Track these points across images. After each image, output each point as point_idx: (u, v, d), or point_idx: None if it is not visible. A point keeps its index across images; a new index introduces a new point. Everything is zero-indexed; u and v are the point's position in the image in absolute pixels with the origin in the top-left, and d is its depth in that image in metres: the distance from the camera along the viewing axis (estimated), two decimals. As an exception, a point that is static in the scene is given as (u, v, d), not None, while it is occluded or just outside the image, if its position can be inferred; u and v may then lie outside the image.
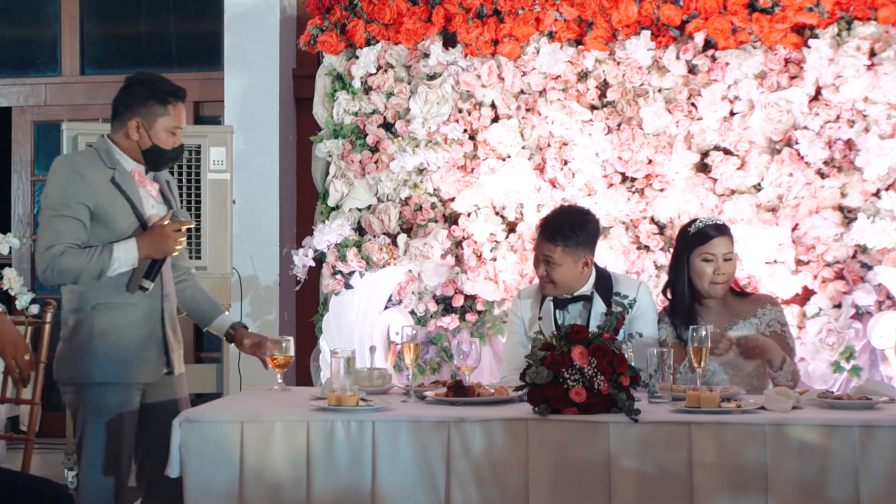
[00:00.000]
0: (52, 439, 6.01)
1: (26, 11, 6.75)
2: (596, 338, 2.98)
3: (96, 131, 5.63)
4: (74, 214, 3.30)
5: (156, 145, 3.41)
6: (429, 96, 4.86)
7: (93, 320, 3.37)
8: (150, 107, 3.40)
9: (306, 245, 4.88)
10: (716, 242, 3.75)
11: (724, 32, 4.59)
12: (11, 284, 5.66)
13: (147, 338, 3.43)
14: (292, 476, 2.94)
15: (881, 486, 2.79)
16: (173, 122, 3.42)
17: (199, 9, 6.53)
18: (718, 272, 3.73)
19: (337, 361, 3.27)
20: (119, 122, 3.44)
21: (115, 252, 3.31)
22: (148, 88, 3.43)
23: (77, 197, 3.31)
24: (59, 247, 3.28)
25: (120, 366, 3.38)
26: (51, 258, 3.27)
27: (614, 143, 4.70)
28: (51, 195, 3.34)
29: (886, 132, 4.43)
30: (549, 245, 3.74)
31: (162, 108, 3.41)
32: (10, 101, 6.73)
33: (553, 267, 3.74)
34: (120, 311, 3.38)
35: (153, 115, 3.40)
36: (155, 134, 3.40)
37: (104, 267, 3.30)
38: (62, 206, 3.31)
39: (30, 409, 4.04)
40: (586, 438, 2.88)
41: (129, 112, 3.41)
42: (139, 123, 3.40)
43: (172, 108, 3.42)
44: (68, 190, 3.31)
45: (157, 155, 3.43)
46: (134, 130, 3.40)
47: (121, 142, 3.43)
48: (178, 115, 3.44)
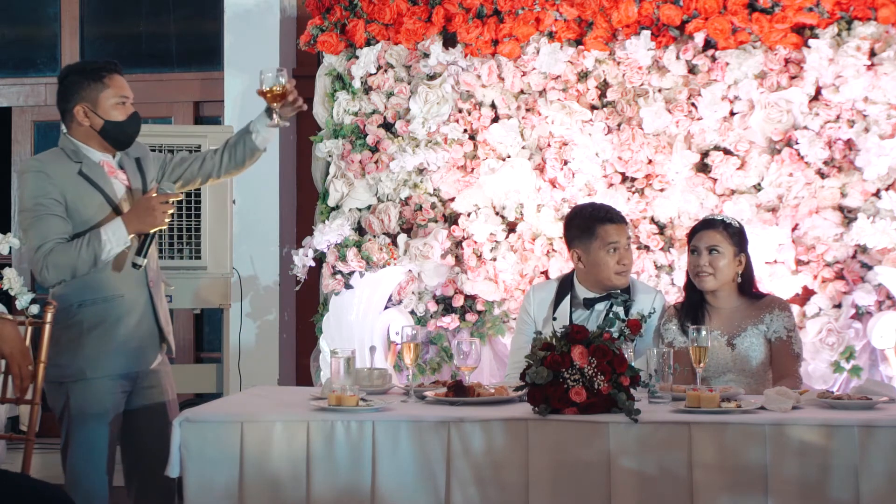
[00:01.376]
0: (52, 439, 5.98)
1: (26, 11, 6.75)
2: (596, 338, 2.98)
3: (96, 131, 5.64)
4: (52, 211, 3.28)
5: (108, 121, 3.37)
6: (429, 96, 4.86)
7: (81, 318, 3.34)
8: (87, 88, 3.36)
9: (306, 245, 4.88)
10: (701, 235, 3.78)
11: (724, 32, 4.59)
12: (11, 284, 5.66)
13: (138, 326, 3.40)
14: (292, 476, 2.94)
15: (881, 486, 2.79)
16: (116, 92, 3.38)
17: (199, 9, 6.53)
18: (703, 264, 3.74)
19: (337, 361, 3.27)
20: (68, 117, 3.40)
21: (104, 235, 3.28)
22: (79, 73, 3.41)
23: (49, 194, 3.28)
24: (48, 244, 3.26)
25: (113, 358, 3.35)
26: (42, 257, 3.25)
27: (614, 143, 4.70)
28: (24, 198, 3.31)
29: (886, 132, 4.43)
30: (622, 228, 3.86)
31: (99, 83, 3.37)
32: (10, 101, 6.73)
33: (628, 253, 3.86)
34: (107, 304, 3.35)
35: (93, 94, 3.36)
36: (103, 111, 3.37)
37: (97, 252, 3.27)
38: (38, 206, 3.28)
39: (30, 409, 4.04)
40: (586, 438, 2.88)
41: (72, 102, 3.38)
42: (84, 108, 3.36)
43: (109, 79, 3.38)
44: (38, 189, 3.29)
45: (115, 131, 3.39)
46: (82, 116, 3.37)
47: (78, 134, 3.40)
48: (118, 85, 3.39)
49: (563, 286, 3.97)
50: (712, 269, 3.75)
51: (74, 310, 3.34)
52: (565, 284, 3.97)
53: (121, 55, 6.66)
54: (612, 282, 3.81)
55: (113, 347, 3.35)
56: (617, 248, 3.82)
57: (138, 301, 3.41)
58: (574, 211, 4.07)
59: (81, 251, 3.26)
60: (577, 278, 3.93)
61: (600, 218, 3.87)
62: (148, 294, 3.44)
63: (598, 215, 3.90)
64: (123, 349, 3.37)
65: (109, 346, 3.35)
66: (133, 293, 3.40)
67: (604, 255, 3.82)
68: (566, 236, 3.99)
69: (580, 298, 3.89)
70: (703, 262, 3.75)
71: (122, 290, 3.37)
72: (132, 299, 3.39)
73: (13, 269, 5.84)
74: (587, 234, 3.85)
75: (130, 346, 3.39)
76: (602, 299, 3.85)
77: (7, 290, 5.71)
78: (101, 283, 3.35)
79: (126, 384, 3.41)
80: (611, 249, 3.81)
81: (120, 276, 3.37)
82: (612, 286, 3.83)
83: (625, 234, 3.88)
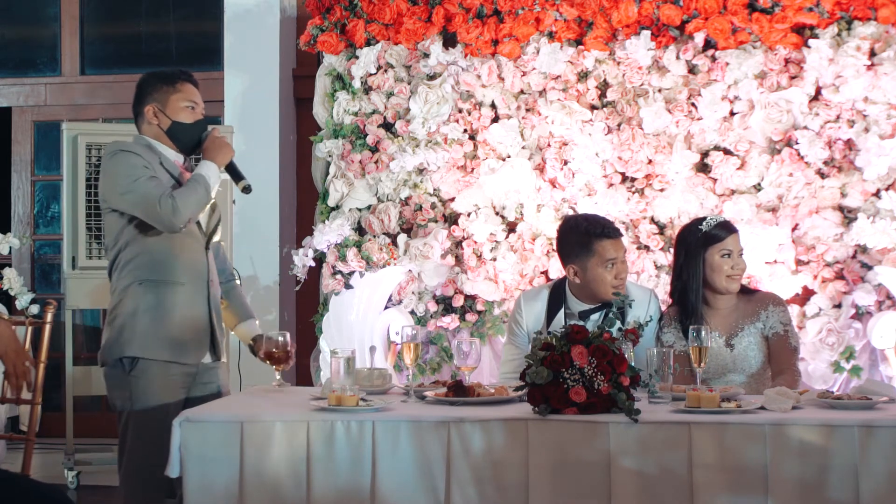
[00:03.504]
0: (52, 439, 6.01)
1: (26, 11, 6.76)
2: (596, 338, 2.98)
3: (96, 131, 5.65)
4: (152, 174, 3.40)
5: (176, 122, 3.51)
6: (429, 96, 4.86)
7: (138, 296, 3.43)
8: (161, 90, 3.52)
9: (306, 245, 4.88)
10: (732, 238, 3.78)
11: (724, 32, 4.59)
12: (11, 284, 5.67)
13: (191, 320, 3.48)
14: (292, 476, 2.94)
15: (881, 486, 2.79)
16: (186, 97, 3.53)
17: (199, 9, 6.53)
18: (736, 267, 3.76)
19: (337, 361, 3.27)
20: (140, 118, 3.56)
21: (201, 171, 3.47)
22: (155, 77, 3.57)
23: (144, 165, 3.42)
24: (167, 192, 3.37)
25: (163, 342, 3.42)
26: (170, 201, 3.35)
27: (614, 143, 4.70)
28: (122, 174, 3.40)
29: (886, 132, 4.43)
30: (618, 242, 3.79)
31: (170, 87, 3.53)
32: (10, 101, 6.73)
33: (624, 265, 3.81)
34: (167, 288, 3.44)
35: (165, 96, 3.52)
36: (172, 111, 3.51)
37: (206, 186, 3.44)
38: (143, 170, 3.40)
39: (30, 409, 4.04)
40: (586, 438, 2.88)
41: (144, 103, 3.53)
42: (154, 108, 3.52)
43: (181, 85, 3.54)
44: (134, 161, 3.41)
45: (181, 132, 3.52)
46: (152, 116, 3.52)
47: (149, 133, 3.54)
48: (189, 91, 3.55)
49: (555, 297, 3.90)
50: (741, 273, 3.78)
51: (135, 287, 3.43)
52: (557, 295, 3.90)
53: (121, 55, 6.68)
54: (608, 296, 3.73)
55: (164, 332, 3.43)
56: (614, 264, 3.76)
57: (197, 294, 3.51)
58: (568, 225, 3.94)
59: (196, 188, 3.42)
60: (571, 290, 3.87)
61: (597, 234, 3.77)
62: (206, 290, 3.53)
63: (595, 231, 3.79)
64: (176, 337, 3.45)
65: (161, 330, 3.42)
66: (193, 285, 3.50)
67: (601, 272, 3.75)
68: (560, 251, 3.90)
69: (574, 311, 3.84)
70: (738, 265, 3.76)
71: (184, 279, 3.48)
72: (191, 290, 3.49)
73: (13, 269, 5.85)
74: (584, 251, 3.77)
75: (182, 335, 3.46)
76: (597, 310, 3.82)
77: (7, 290, 5.72)
78: (165, 267, 3.45)
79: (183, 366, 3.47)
80: (609, 265, 3.75)
81: (185, 266, 3.48)
82: (608, 300, 3.75)
83: (622, 248, 3.82)
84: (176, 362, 3.44)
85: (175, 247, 3.45)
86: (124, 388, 3.42)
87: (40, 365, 4.03)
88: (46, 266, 6.87)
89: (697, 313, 3.74)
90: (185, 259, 3.48)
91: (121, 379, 3.42)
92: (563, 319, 3.80)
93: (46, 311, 4.20)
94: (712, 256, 3.75)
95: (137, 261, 3.44)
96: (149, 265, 3.43)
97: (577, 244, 3.80)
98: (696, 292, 3.76)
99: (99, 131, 5.67)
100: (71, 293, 5.51)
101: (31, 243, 6.65)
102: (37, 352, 4.11)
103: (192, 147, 3.57)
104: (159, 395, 3.41)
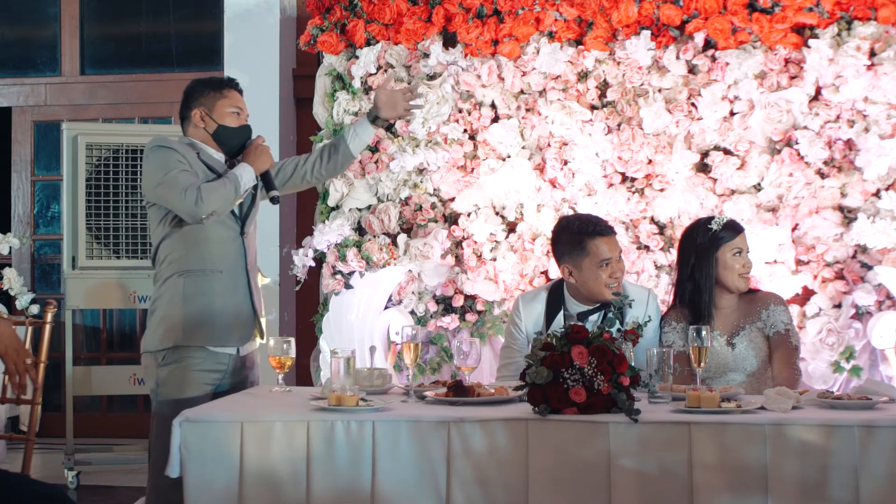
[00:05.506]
0: (52, 439, 6.02)
1: (26, 11, 6.76)
2: (596, 338, 2.98)
3: (96, 131, 5.66)
4: (186, 168, 3.54)
5: (221, 125, 3.67)
6: (429, 96, 4.86)
7: (180, 286, 3.53)
8: (208, 95, 3.69)
9: (306, 245, 4.88)
10: (741, 237, 3.83)
11: (724, 32, 4.59)
12: (11, 284, 5.67)
13: (233, 304, 3.59)
14: (292, 476, 2.94)
15: (881, 486, 2.79)
16: (232, 103, 3.70)
17: (199, 9, 6.53)
18: (746, 265, 3.80)
19: (337, 361, 3.28)
20: (186, 122, 3.72)
21: (237, 171, 3.59)
22: (202, 83, 3.74)
23: (178, 158, 3.55)
24: (196, 183, 3.48)
25: (207, 330, 3.52)
26: (196, 192, 3.48)
27: (614, 143, 4.69)
28: (156, 167, 3.53)
29: (886, 132, 4.43)
30: (612, 240, 3.79)
31: (218, 93, 3.70)
32: (10, 101, 6.73)
33: (620, 264, 3.81)
34: (207, 277, 3.55)
35: (212, 101, 3.68)
36: (218, 115, 3.68)
37: (236, 185, 3.55)
38: (178, 163, 3.53)
39: (30, 409, 4.04)
40: (586, 438, 2.88)
41: (191, 108, 3.68)
42: (201, 112, 3.68)
43: (227, 91, 3.71)
44: (169, 155, 3.55)
45: (226, 135, 3.68)
46: (199, 119, 3.68)
47: (194, 136, 3.67)
48: (234, 97, 3.72)
49: (554, 299, 3.89)
50: (750, 271, 3.83)
51: (176, 278, 3.55)
52: (555, 297, 3.90)
53: (121, 55, 6.68)
54: (604, 296, 3.73)
55: (208, 319, 3.53)
56: (609, 263, 3.76)
57: (237, 280, 3.61)
58: (561, 225, 3.95)
59: (225, 184, 3.55)
60: (569, 292, 3.87)
61: (590, 232, 3.77)
62: (246, 276, 3.64)
63: (588, 230, 3.79)
64: (218, 323, 3.54)
65: (204, 318, 3.52)
66: (232, 272, 3.61)
67: (596, 271, 3.75)
68: (555, 251, 3.90)
69: (573, 313, 3.84)
70: (748, 264, 3.80)
71: (222, 267, 3.59)
72: (231, 277, 3.60)
73: (13, 269, 5.84)
74: (577, 250, 3.77)
75: (225, 322, 3.56)
76: (596, 311, 3.82)
77: (7, 290, 5.72)
78: (203, 256, 3.56)
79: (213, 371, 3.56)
80: (603, 264, 3.75)
81: (221, 254, 3.60)
82: (604, 300, 3.76)
83: (616, 246, 3.81)
84: (215, 350, 3.55)
85: (209, 236, 3.57)
86: (157, 378, 3.53)
87: (40, 365, 4.04)
88: (46, 266, 6.87)
89: (710, 313, 3.75)
90: (221, 247, 3.59)
91: (155, 369, 3.54)
92: (563, 321, 3.80)
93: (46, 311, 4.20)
94: (724, 255, 3.77)
95: (175, 253, 3.56)
96: (185, 256, 3.56)
97: (570, 243, 3.81)
98: (710, 292, 3.77)
99: (99, 131, 5.68)
100: (71, 293, 5.51)
101: (31, 243, 6.66)
102: (37, 352, 4.11)
103: (236, 150, 3.70)
104: (188, 388, 3.50)
